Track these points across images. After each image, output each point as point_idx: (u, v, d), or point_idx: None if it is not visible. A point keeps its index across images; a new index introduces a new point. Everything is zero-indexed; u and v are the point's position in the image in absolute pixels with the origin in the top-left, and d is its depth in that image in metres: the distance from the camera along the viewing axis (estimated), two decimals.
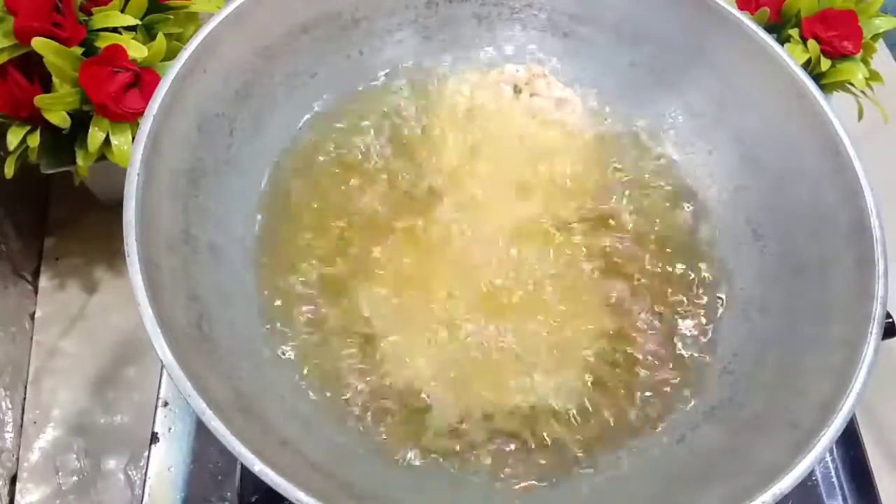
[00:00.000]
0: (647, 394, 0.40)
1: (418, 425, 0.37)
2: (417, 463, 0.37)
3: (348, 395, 0.38)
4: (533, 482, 0.37)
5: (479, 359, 0.39)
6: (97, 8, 0.48)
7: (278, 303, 0.40)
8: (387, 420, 0.37)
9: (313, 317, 0.40)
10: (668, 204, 0.46)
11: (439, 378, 0.39)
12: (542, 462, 0.37)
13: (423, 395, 0.38)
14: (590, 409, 0.39)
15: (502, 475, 0.37)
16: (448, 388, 0.38)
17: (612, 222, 0.45)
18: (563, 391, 0.39)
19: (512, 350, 0.40)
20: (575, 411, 0.39)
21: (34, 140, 0.47)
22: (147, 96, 0.37)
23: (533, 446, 0.38)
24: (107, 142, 0.47)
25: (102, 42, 0.47)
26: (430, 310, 0.40)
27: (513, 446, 0.37)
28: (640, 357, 0.41)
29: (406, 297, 0.41)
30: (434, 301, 0.41)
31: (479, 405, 0.38)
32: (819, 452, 0.32)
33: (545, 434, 0.38)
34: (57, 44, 0.45)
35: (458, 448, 0.37)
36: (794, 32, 0.56)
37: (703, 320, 0.42)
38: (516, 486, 0.37)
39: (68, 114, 0.46)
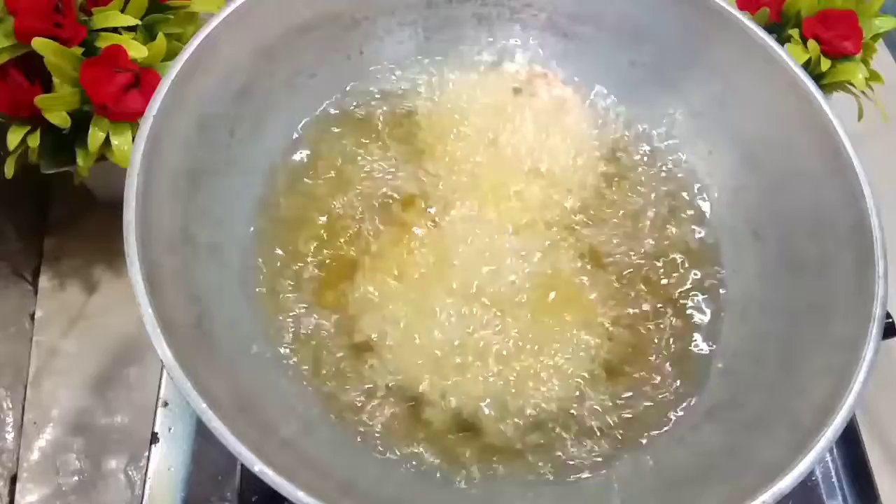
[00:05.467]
0: (647, 394, 0.40)
1: (418, 425, 0.38)
2: (417, 463, 0.37)
3: (348, 395, 0.38)
4: (533, 482, 0.37)
5: (478, 361, 0.39)
6: (97, 8, 0.48)
7: (278, 302, 0.40)
8: (386, 420, 0.37)
9: (313, 317, 0.40)
10: (667, 204, 0.46)
11: (438, 379, 0.39)
12: (543, 463, 0.37)
13: (423, 396, 0.38)
14: (590, 410, 0.39)
15: (502, 475, 0.37)
16: (447, 390, 0.38)
17: (611, 222, 0.45)
18: (563, 393, 0.39)
19: (511, 352, 0.40)
20: (574, 413, 0.39)
21: (34, 140, 0.47)
22: (147, 96, 0.37)
23: (533, 447, 0.38)
24: (107, 142, 0.47)
25: (102, 42, 0.47)
26: (429, 310, 0.40)
27: (514, 448, 0.37)
28: (640, 357, 0.41)
29: (405, 297, 0.41)
30: (433, 302, 0.41)
31: (477, 407, 0.38)
32: (819, 452, 0.32)
33: (545, 435, 0.38)
34: (57, 44, 0.45)
35: (457, 448, 0.37)
36: (794, 32, 0.56)
37: (703, 320, 0.42)
38: (517, 486, 0.37)
39: (68, 114, 0.46)
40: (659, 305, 0.42)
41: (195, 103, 0.38)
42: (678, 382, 0.40)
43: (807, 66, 0.54)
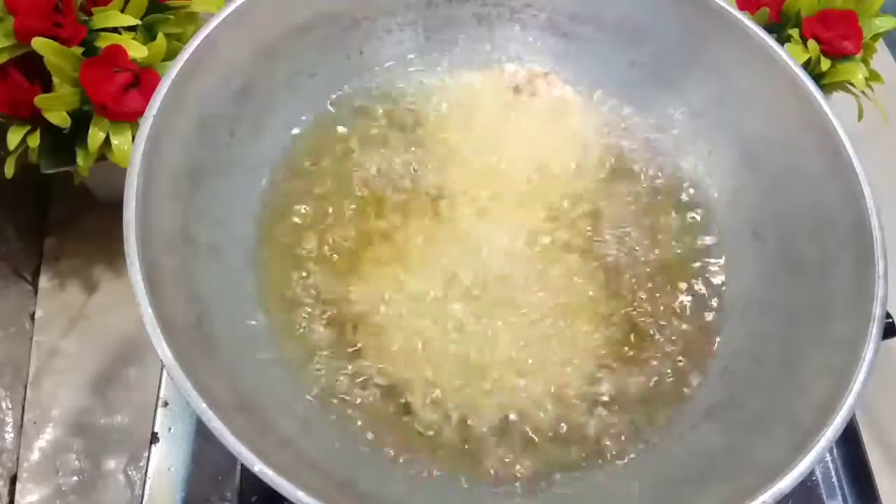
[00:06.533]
0: (647, 394, 0.40)
1: (418, 425, 0.37)
2: (418, 462, 0.36)
3: (350, 394, 0.38)
4: (532, 482, 0.37)
5: (479, 360, 0.39)
6: (97, 8, 0.48)
7: (279, 302, 0.40)
8: (386, 420, 0.37)
9: (313, 316, 0.40)
10: (667, 204, 0.46)
11: (440, 379, 0.39)
12: (542, 462, 0.37)
13: (424, 396, 0.38)
14: (590, 409, 0.39)
15: (501, 475, 0.37)
16: (448, 389, 0.38)
17: (611, 222, 0.45)
18: (563, 392, 0.39)
19: (512, 352, 0.40)
20: (574, 412, 0.39)
21: (34, 140, 0.47)
22: (147, 96, 0.37)
23: (532, 447, 0.38)
24: (107, 142, 0.47)
25: (102, 42, 0.47)
26: (431, 310, 0.40)
27: (512, 446, 0.37)
28: (640, 357, 0.41)
29: (407, 297, 0.41)
30: (435, 301, 0.41)
31: (478, 405, 0.38)
32: (819, 452, 0.32)
33: (545, 436, 0.38)
34: (57, 44, 0.45)
35: (457, 447, 0.37)
36: (794, 32, 0.56)
37: (703, 320, 0.42)
38: (516, 486, 0.37)
39: (68, 114, 0.46)
40: (659, 305, 0.42)
41: (195, 103, 0.38)
42: (678, 382, 0.40)
43: (807, 66, 0.54)
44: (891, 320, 0.41)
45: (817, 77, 0.55)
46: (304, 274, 0.41)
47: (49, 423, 0.51)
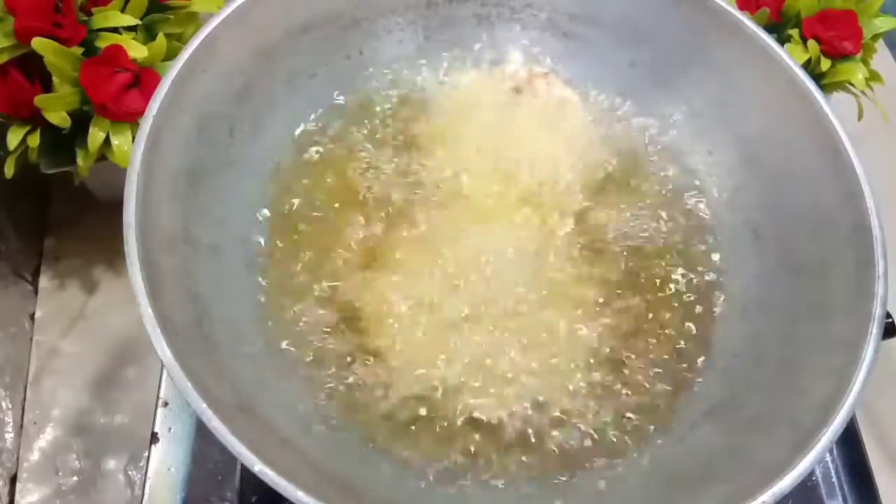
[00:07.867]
0: (647, 393, 0.40)
1: (418, 426, 0.37)
2: (419, 463, 0.36)
3: (350, 394, 0.38)
4: (533, 483, 0.37)
5: (479, 362, 0.39)
6: (97, 8, 0.48)
7: (279, 302, 0.40)
8: (387, 420, 0.37)
9: (314, 316, 0.40)
10: (667, 204, 0.46)
11: (441, 380, 0.39)
12: (542, 463, 0.37)
13: (424, 397, 0.38)
14: (590, 409, 0.39)
15: (501, 476, 0.37)
16: (450, 391, 0.38)
17: (611, 222, 0.45)
18: (563, 393, 0.39)
19: (511, 353, 0.40)
20: (574, 412, 0.39)
21: (34, 140, 0.47)
22: (147, 96, 0.37)
23: (532, 448, 0.38)
24: (107, 142, 0.47)
25: (102, 42, 0.47)
26: (431, 311, 0.40)
27: (512, 448, 0.37)
28: (640, 357, 0.41)
29: (407, 297, 0.41)
30: (437, 303, 0.41)
31: (479, 407, 0.38)
32: (819, 452, 0.32)
33: (544, 436, 0.38)
34: (57, 44, 0.45)
35: (458, 449, 0.37)
36: (794, 32, 0.56)
37: (703, 320, 0.42)
38: (516, 487, 0.37)
39: (68, 114, 0.46)
40: (659, 305, 0.42)
41: (195, 103, 0.38)
42: (678, 382, 0.40)
43: (807, 66, 0.54)
44: (891, 320, 0.41)
45: (817, 77, 0.55)
46: (305, 273, 0.41)
47: (49, 423, 0.51)
